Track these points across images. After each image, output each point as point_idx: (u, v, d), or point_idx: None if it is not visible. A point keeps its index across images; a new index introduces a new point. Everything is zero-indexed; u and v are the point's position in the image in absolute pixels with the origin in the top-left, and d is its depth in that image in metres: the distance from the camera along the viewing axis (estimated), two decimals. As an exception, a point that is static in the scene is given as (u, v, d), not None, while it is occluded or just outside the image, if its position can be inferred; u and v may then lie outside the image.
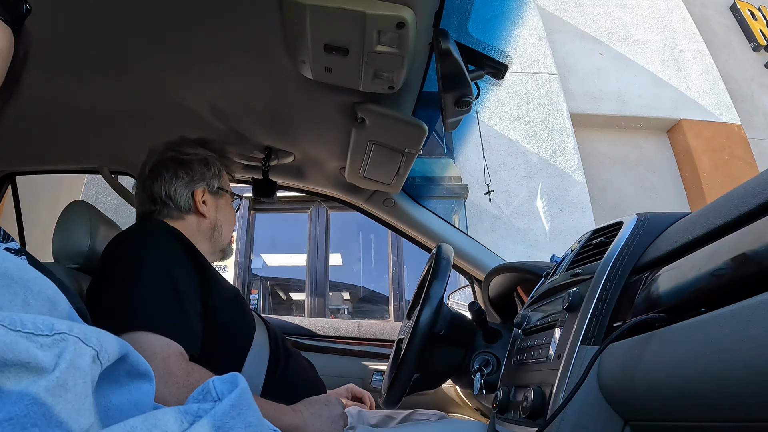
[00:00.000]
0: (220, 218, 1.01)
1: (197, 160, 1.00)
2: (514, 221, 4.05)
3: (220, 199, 1.02)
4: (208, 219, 0.99)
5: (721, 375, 0.36)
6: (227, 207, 1.04)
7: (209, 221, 0.99)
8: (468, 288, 1.54)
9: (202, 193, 0.98)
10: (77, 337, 0.26)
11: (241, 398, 0.29)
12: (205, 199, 0.99)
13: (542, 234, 4.02)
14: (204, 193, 0.99)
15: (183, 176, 0.98)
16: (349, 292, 4.63)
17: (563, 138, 4.38)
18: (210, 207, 0.99)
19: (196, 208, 0.97)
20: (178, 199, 0.97)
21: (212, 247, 1.00)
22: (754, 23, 5.53)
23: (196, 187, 0.98)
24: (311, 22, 0.70)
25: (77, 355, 0.25)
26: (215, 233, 1.00)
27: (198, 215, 0.98)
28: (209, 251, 0.99)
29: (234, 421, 0.28)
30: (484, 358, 0.93)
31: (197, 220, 0.98)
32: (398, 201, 1.37)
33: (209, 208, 0.99)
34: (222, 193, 1.03)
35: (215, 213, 1.00)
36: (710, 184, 4.38)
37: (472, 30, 0.89)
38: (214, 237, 1.00)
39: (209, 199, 1.00)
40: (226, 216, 1.02)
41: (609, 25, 5.17)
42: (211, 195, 1.00)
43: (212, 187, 1.00)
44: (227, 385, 0.30)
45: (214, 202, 1.01)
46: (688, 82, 4.92)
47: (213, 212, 1.00)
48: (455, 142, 4.22)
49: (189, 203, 0.97)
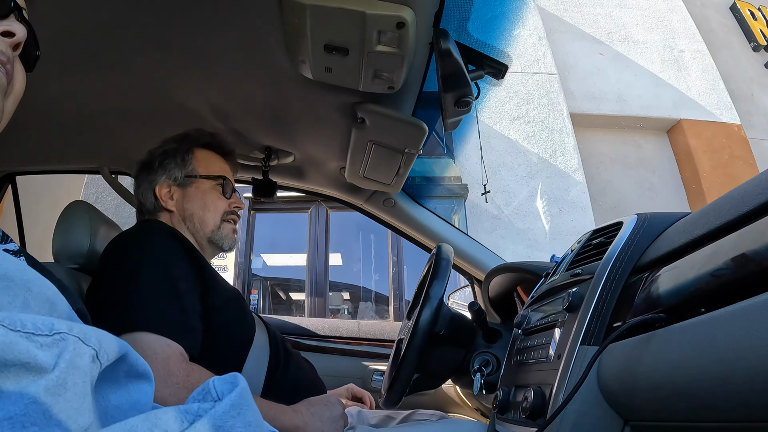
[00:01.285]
0: (188, 207, 0.94)
1: (158, 154, 0.96)
2: (514, 221, 4.05)
3: (189, 187, 0.95)
4: (175, 212, 0.94)
5: (721, 375, 0.36)
6: (197, 193, 0.96)
7: (177, 214, 0.95)
8: (468, 288, 1.54)
9: (167, 188, 0.94)
10: (77, 337, 0.26)
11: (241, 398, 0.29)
12: (171, 193, 0.94)
13: (542, 234, 4.02)
14: (168, 187, 0.94)
15: (145, 176, 0.96)
16: (349, 292, 4.63)
17: (563, 138, 4.38)
18: (177, 199, 0.95)
19: (161, 205, 0.94)
20: (144, 202, 0.95)
21: (198, 239, 0.95)
22: (754, 23, 5.53)
23: (156, 184, 0.94)
24: (311, 22, 0.70)
25: (77, 354, 0.25)
26: (189, 224, 0.94)
27: (166, 211, 0.95)
28: (198, 244, 0.95)
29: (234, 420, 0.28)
30: (484, 358, 0.93)
31: (168, 216, 0.95)
32: (398, 201, 1.37)
33: (176, 201, 0.94)
34: (191, 180, 0.96)
35: (182, 204, 0.95)
36: (710, 184, 4.38)
37: (472, 30, 0.89)
38: (190, 228, 0.95)
39: (176, 191, 0.95)
40: (196, 203, 0.95)
41: (609, 25, 5.17)
42: (177, 186, 0.95)
43: (176, 178, 0.95)
44: (227, 385, 0.30)
45: (182, 192, 0.95)
46: (688, 82, 4.92)
47: (180, 204, 0.95)
48: (455, 142, 4.22)
49: (152, 202, 0.94)
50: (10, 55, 0.46)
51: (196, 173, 0.96)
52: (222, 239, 0.97)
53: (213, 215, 0.96)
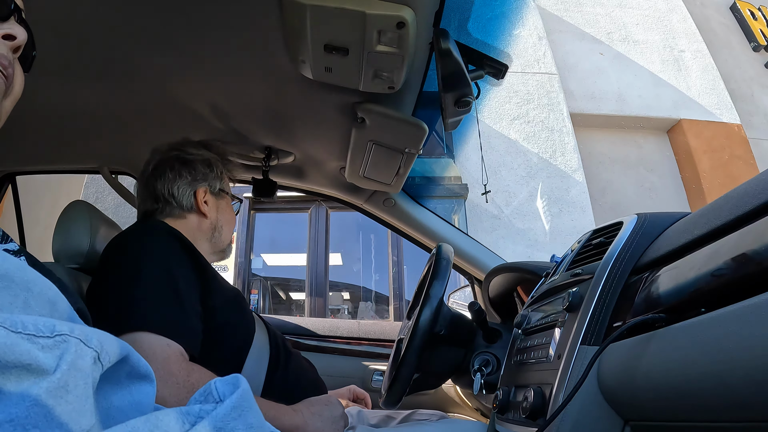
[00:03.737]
0: (221, 219, 1.01)
1: (200, 160, 1.00)
2: (514, 221, 4.05)
3: (221, 200, 1.03)
4: (209, 219, 0.99)
5: (721, 375, 0.36)
6: (228, 209, 1.05)
7: (210, 221, 1.00)
8: (468, 288, 1.54)
9: (204, 193, 0.99)
10: (78, 339, 0.26)
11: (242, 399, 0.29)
12: (206, 200, 0.99)
13: (542, 234, 4.02)
14: (206, 193, 0.99)
15: (186, 175, 0.98)
16: (349, 292, 4.63)
17: (563, 138, 4.38)
18: (211, 207, 1.00)
19: (198, 208, 0.98)
20: (180, 198, 0.97)
21: (212, 248, 1.00)
22: (754, 23, 5.53)
23: (198, 187, 0.98)
24: (311, 22, 0.70)
25: (78, 356, 0.25)
26: (215, 233, 1.00)
27: (199, 215, 0.99)
28: (209, 251, 0.99)
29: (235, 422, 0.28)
30: (484, 358, 0.93)
31: (198, 220, 0.98)
32: (398, 201, 1.37)
33: (210, 209, 1.00)
34: (223, 195, 1.03)
35: (216, 213, 1.01)
36: (710, 184, 4.38)
37: (472, 30, 0.89)
38: (214, 237, 1.00)
39: (210, 199, 1.00)
40: (226, 217, 1.03)
41: (609, 25, 5.17)
42: (212, 196, 1.01)
43: (214, 188, 1.01)
44: (229, 386, 0.30)
45: (216, 202, 1.01)
46: (688, 82, 4.92)
47: (214, 212, 1.01)
48: (455, 142, 4.22)
49: (191, 202, 0.97)
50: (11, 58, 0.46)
51: (227, 189, 1.06)
52: (227, 253, 1.05)
53: (230, 231, 1.05)
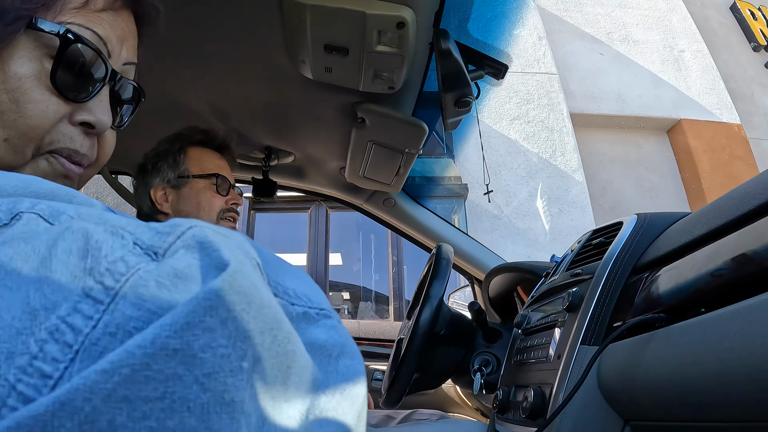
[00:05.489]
0: (183, 208, 0.93)
1: (151, 156, 0.95)
2: (514, 221, 4.05)
3: (183, 188, 0.93)
4: (171, 214, 0.92)
5: (721, 375, 0.36)
6: (192, 192, 0.94)
7: (173, 216, 0.92)
8: (468, 288, 1.54)
9: (161, 190, 0.93)
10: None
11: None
12: (166, 195, 0.93)
13: (542, 234, 4.02)
14: (163, 189, 0.93)
15: (141, 180, 0.94)
16: (349, 292, 4.63)
17: (563, 138, 4.38)
18: (172, 201, 0.93)
19: (158, 208, 0.92)
20: (142, 206, 0.94)
21: None
22: (754, 23, 5.53)
23: (151, 187, 0.93)
24: (311, 22, 0.70)
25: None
26: None
27: (163, 215, 0.93)
28: None
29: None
30: (484, 358, 0.93)
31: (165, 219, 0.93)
32: (398, 201, 1.37)
33: (171, 203, 0.93)
34: (184, 181, 0.93)
35: (177, 205, 0.93)
36: (710, 184, 4.38)
37: (472, 30, 0.89)
38: None
39: (171, 192, 0.93)
40: (190, 204, 0.93)
41: (609, 25, 5.17)
42: (171, 188, 0.93)
43: (169, 179, 0.93)
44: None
45: (176, 193, 0.93)
46: (688, 82, 4.92)
47: (175, 206, 0.93)
48: (455, 142, 4.22)
49: (149, 206, 0.93)
50: (86, 148, 0.38)
51: (189, 173, 0.94)
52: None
53: (208, 214, 0.94)
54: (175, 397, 0.14)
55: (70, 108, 0.37)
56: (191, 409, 0.15)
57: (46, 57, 0.35)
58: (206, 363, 0.15)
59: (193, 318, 0.15)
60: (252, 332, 0.16)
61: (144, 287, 0.16)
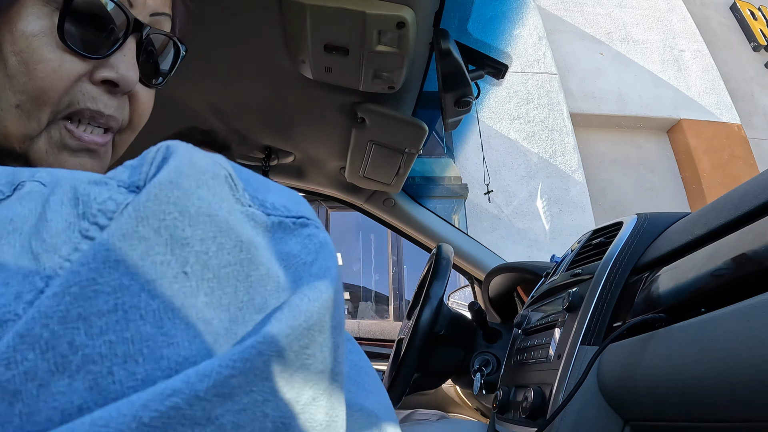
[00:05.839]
0: None
1: None
2: (514, 221, 4.05)
3: None
4: None
5: (721, 375, 0.36)
6: None
7: None
8: (468, 288, 1.54)
9: None
10: None
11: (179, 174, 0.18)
12: None
13: (542, 234, 4.02)
14: None
15: None
16: (349, 292, 4.63)
17: (563, 138, 4.38)
18: None
19: None
20: None
21: None
22: (754, 23, 5.53)
23: None
24: (311, 22, 0.70)
25: None
26: None
27: None
28: None
29: (167, 206, 0.17)
30: (484, 358, 0.93)
31: None
32: (398, 201, 1.37)
33: None
34: None
35: None
36: (710, 184, 4.38)
37: (472, 30, 0.89)
38: None
39: None
40: None
41: (609, 25, 5.17)
42: None
43: None
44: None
45: None
46: (688, 82, 4.92)
47: None
48: (455, 142, 4.22)
49: None
50: (113, 109, 0.35)
51: None
52: None
53: None
54: (126, 307, 0.15)
55: (88, 66, 0.33)
56: (144, 317, 0.15)
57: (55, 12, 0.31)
58: (148, 271, 0.15)
59: (128, 228, 0.15)
60: (190, 239, 0.16)
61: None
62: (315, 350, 0.17)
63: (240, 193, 0.19)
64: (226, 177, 0.19)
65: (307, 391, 0.16)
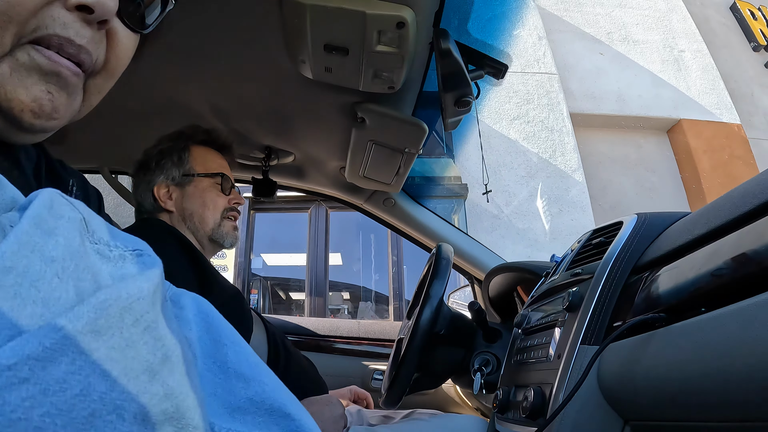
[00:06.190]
0: (188, 206, 0.94)
1: (155, 154, 0.96)
2: (514, 221, 4.05)
3: (188, 185, 0.95)
4: (175, 212, 0.94)
5: (721, 375, 0.36)
6: (197, 191, 0.95)
7: (177, 214, 0.94)
8: (468, 288, 1.54)
9: (165, 188, 0.94)
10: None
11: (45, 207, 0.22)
12: (170, 193, 0.94)
13: (542, 234, 4.02)
14: (167, 187, 0.94)
15: (142, 177, 0.95)
16: (349, 291, 4.63)
17: (563, 138, 4.38)
18: (176, 199, 0.94)
19: (161, 206, 0.94)
20: (143, 203, 0.95)
21: (199, 237, 0.95)
22: (754, 23, 5.53)
23: (154, 185, 0.94)
24: (311, 21, 0.70)
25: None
26: (190, 223, 0.94)
27: (165, 212, 0.94)
28: (198, 243, 0.95)
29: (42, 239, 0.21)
30: (484, 358, 0.93)
31: (168, 216, 0.95)
32: (398, 201, 1.37)
33: (175, 201, 0.94)
34: (189, 179, 0.95)
35: (182, 203, 0.94)
36: (710, 184, 4.38)
37: (472, 30, 0.89)
38: (191, 228, 0.94)
39: (175, 190, 0.94)
40: (195, 202, 0.95)
41: (609, 25, 5.17)
42: (175, 186, 0.94)
43: (174, 177, 0.94)
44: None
45: (181, 191, 0.95)
46: (688, 82, 4.92)
47: (180, 203, 0.94)
48: (455, 142, 4.22)
49: (151, 203, 0.94)
50: (87, 39, 0.32)
51: (194, 171, 0.96)
52: (223, 237, 0.97)
53: (213, 213, 0.96)
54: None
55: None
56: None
57: None
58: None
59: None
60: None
61: None
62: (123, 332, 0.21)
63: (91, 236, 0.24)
64: (81, 220, 0.23)
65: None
